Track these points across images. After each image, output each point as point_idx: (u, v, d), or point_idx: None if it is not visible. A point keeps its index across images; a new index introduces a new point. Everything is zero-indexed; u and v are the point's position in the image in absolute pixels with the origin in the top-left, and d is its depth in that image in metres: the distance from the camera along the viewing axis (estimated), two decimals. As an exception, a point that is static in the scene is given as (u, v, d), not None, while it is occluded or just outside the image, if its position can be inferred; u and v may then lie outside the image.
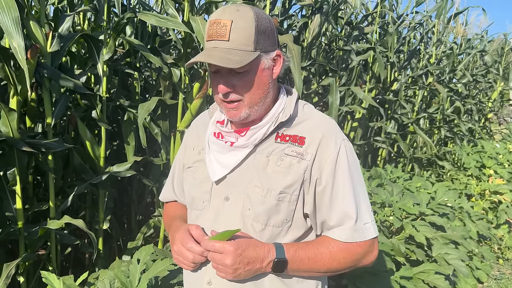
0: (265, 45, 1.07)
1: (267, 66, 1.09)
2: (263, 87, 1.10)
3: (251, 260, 1.04)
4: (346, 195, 1.11)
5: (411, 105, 5.95)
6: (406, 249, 2.68)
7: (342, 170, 1.12)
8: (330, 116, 3.95)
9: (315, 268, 1.10)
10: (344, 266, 1.13)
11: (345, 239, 1.10)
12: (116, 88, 3.42)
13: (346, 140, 1.16)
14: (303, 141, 1.12)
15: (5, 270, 2.09)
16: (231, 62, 1.01)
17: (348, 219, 1.10)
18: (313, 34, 3.65)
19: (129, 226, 3.82)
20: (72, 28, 3.35)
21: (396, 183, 3.78)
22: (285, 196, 1.10)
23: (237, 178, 1.14)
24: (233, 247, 1.03)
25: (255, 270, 1.06)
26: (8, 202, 2.33)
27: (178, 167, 1.35)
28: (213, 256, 1.06)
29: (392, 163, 5.83)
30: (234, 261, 1.03)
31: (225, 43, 1.03)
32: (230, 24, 1.03)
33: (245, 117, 1.11)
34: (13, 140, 2.19)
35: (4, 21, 1.49)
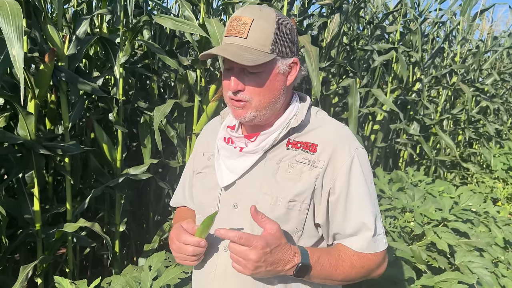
0: (282, 50, 1.05)
1: (281, 71, 1.06)
2: (274, 92, 1.07)
3: (276, 261, 0.99)
4: (362, 204, 1.07)
5: (435, 105, 5.79)
6: (427, 257, 2.60)
7: (357, 179, 1.08)
8: (349, 118, 3.93)
9: (334, 276, 1.06)
10: (360, 276, 1.10)
11: (361, 249, 1.07)
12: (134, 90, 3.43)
13: (360, 148, 1.12)
14: (315, 148, 1.08)
15: (22, 272, 2.11)
16: (245, 59, 0.98)
17: (366, 229, 1.07)
18: (333, 34, 3.58)
19: (147, 226, 3.83)
20: (91, 31, 3.38)
21: (417, 187, 3.67)
22: (295, 204, 1.06)
23: (246, 185, 1.11)
24: (263, 243, 0.97)
25: (276, 271, 1.01)
26: (26, 204, 2.35)
27: (189, 173, 1.33)
28: (236, 248, 0.99)
29: (414, 165, 5.69)
30: (259, 259, 0.96)
31: (243, 40, 1.01)
32: (251, 22, 1.01)
33: (250, 118, 1.07)
34: (30, 143, 2.22)
35: (7, 28, 1.49)
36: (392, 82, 4.95)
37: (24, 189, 2.34)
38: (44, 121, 2.78)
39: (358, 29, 5.00)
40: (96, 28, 3.46)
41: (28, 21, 2.24)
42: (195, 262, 1.11)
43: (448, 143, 5.20)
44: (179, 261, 1.12)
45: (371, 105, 4.88)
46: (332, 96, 4.59)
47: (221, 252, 1.11)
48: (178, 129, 2.89)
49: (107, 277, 1.83)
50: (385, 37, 5.43)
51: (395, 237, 2.66)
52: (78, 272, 3.00)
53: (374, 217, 1.08)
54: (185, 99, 2.84)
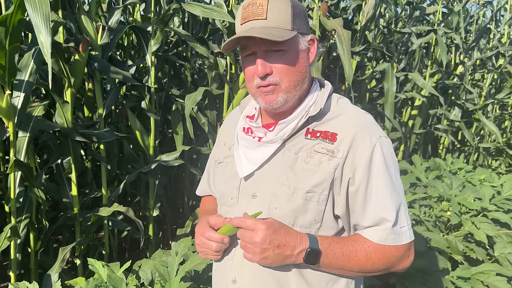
0: (301, 27, 1.04)
1: (304, 48, 1.06)
2: (301, 70, 1.05)
3: (282, 243, 0.98)
4: (382, 196, 1.04)
5: (479, 90, 5.51)
6: (464, 247, 2.50)
7: (378, 169, 1.04)
8: (385, 103, 3.82)
9: (348, 266, 1.04)
10: (378, 268, 1.06)
11: (379, 241, 1.03)
12: (167, 78, 3.48)
13: (384, 137, 1.07)
14: (334, 137, 1.05)
15: (61, 253, 2.23)
16: (273, 36, 0.97)
17: (385, 221, 1.03)
18: (367, 16, 3.47)
19: (183, 211, 3.92)
20: (126, 20, 3.45)
21: (456, 175, 3.53)
22: (313, 195, 1.04)
23: (264, 175, 1.09)
24: (265, 225, 0.98)
25: (284, 256, 1.00)
26: (65, 189, 2.46)
27: (212, 162, 1.33)
28: (243, 233, 1.01)
29: (455, 152, 5.47)
30: (264, 240, 0.97)
31: (263, 22, 1.00)
32: (267, 3, 1.00)
33: (282, 102, 1.05)
34: (67, 131, 2.31)
35: (35, 16, 1.54)
36: (432, 66, 4.75)
37: (63, 175, 2.45)
38: (83, 108, 2.89)
39: (395, 10, 4.81)
40: (131, 17, 3.52)
41: (63, 12, 2.31)
42: (217, 257, 1.13)
43: (492, 130, 4.94)
44: (202, 255, 1.15)
45: (409, 90, 4.72)
46: (368, 81, 4.47)
47: (239, 241, 1.11)
48: (209, 116, 2.92)
49: (138, 260, 1.89)
50: (426, 18, 5.21)
51: (430, 227, 2.57)
52: (117, 254, 3.13)
53: (395, 208, 1.03)
54: (215, 86, 2.86)
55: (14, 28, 1.76)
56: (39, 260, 2.53)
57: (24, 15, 1.78)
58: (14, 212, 2.02)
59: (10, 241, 2.01)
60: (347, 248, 1.03)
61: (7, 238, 1.97)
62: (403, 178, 3.33)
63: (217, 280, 1.20)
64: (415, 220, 2.64)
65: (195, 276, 1.71)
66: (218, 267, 1.19)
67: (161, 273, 1.55)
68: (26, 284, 1.50)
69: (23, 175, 2.04)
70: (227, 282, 1.13)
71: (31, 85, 1.96)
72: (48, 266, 2.34)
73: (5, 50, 1.79)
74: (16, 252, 2.07)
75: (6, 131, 2.08)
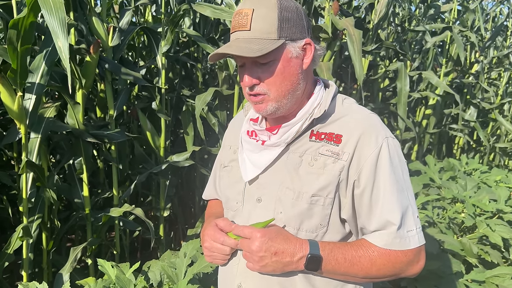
0: (291, 33, 1.00)
1: (295, 55, 1.02)
2: (291, 78, 1.02)
3: (279, 250, 0.98)
4: (388, 198, 1.01)
5: (495, 88, 5.40)
6: (479, 250, 2.45)
7: (384, 171, 1.01)
8: (398, 103, 3.77)
9: (352, 272, 1.01)
10: (384, 274, 1.03)
11: (384, 245, 1.00)
12: (178, 79, 3.49)
13: (391, 138, 1.05)
14: (339, 139, 1.03)
15: (72, 253, 2.25)
16: (250, 51, 0.95)
17: (390, 224, 1.00)
18: (380, 15, 3.43)
19: (194, 211, 3.93)
20: (137, 21, 3.47)
21: (471, 176, 3.46)
22: (318, 199, 1.02)
23: (269, 179, 1.08)
24: (260, 233, 0.99)
25: (284, 263, 0.99)
26: (77, 189, 2.49)
27: (218, 166, 1.32)
28: (242, 242, 1.03)
29: (471, 152, 5.37)
30: (260, 248, 0.98)
31: (247, 33, 0.98)
32: (252, 13, 0.98)
33: (272, 110, 1.04)
34: (78, 132, 2.33)
35: (51, 21, 1.55)
36: (447, 64, 4.67)
37: (74, 175, 2.47)
38: (95, 109, 2.91)
39: (409, 9, 4.74)
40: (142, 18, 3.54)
41: (74, 14, 2.33)
42: (225, 261, 1.12)
43: (509, 129, 4.84)
44: (209, 260, 1.13)
45: (423, 89, 4.65)
46: (381, 80, 4.42)
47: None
48: (220, 117, 2.92)
49: (147, 261, 1.90)
50: (441, 16, 5.12)
51: (443, 229, 2.53)
52: (128, 254, 3.15)
53: (402, 211, 1.00)
54: (225, 87, 2.85)
55: (26, 31, 1.78)
56: (51, 259, 2.56)
57: (36, 18, 1.80)
58: (26, 212, 2.05)
59: (22, 241, 2.03)
60: (350, 253, 1.01)
61: (19, 238, 2.00)
62: (416, 179, 3.28)
63: (222, 284, 1.19)
64: (428, 222, 2.59)
65: (203, 278, 1.71)
66: (224, 271, 1.18)
67: (169, 274, 1.55)
68: (36, 284, 1.52)
69: (35, 176, 2.06)
70: (232, 287, 1.12)
71: (43, 87, 1.98)
72: (61, 265, 2.36)
73: (17, 52, 1.81)
74: (28, 252, 2.09)
75: (18, 133, 2.10)
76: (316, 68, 2.64)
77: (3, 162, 3.04)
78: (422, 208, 2.74)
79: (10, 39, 1.73)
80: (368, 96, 4.34)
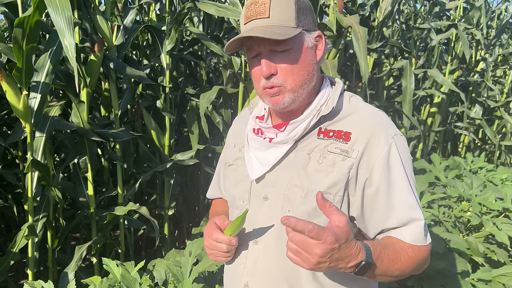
0: (306, 23, 1.01)
1: (310, 46, 1.02)
2: (308, 68, 1.02)
3: (340, 258, 0.89)
4: (407, 195, 1.01)
5: (500, 86, 5.37)
6: (485, 249, 2.44)
7: (397, 169, 1.01)
8: (403, 101, 3.75)
9: (390, 271, 0.98)
10: (413, 269, 1.02)
11: (412, 241, 1.00)
12: (183, 77, 3.49)
13: (399, 135, 1.04)
14: (348, 137, 1.02)
15: (77, 252, 2.25)
16: (275, 34, 0.95)
17: (415, 220, 1.00)
18: (385, 13, 3.41)
19: (199, 209, 3.93)
20: (142, 20, 3.47)
21: (477, 174, 3.44)
22: (328, 197, 1.00)
23: (276, 177, 1.07)
24: (332, 238, 0.87)
25: (337, 268, 0.92)
26: (81, 188, 2.48)
27: (222, 165, 1.31)
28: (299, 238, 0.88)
29: (476, 151, 5.34)
30: (325, 254, 0.87)
31: (266, 20, 0.98)
32: (269, 2, 0.98)
33: (289, 102, 1.02)
34: (83, 131, 2.33)
35: (57, 20, 1.55)
36: (452, 62, 4.64)
37: (79, 174, 2.47)
38: (100, 108, 2.91)
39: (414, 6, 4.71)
40: (146, 16, 3.54)
41: (79, 12, 2.33)
42: (228, 258, 1.11)
43: (515, 127, 4.82)
44: (212, 258, 1.12)
45: (428, 87, 4.63)
46: (386, 78, 4.40)
47: (251, 245, 1.09)
48: (224, 115, 2.91)
49: (152, 260, 1.90)
50: (447, 14, 5.09)
51: (449, 228, 2.51)
52: (133, 253, 3.15)
53: (420, 207, 1.01)
54: (230, 85, 2.84)
55: (31, 30, 1.78)
56: (56, 258, 2.57)
57: (41, 16, 1.80)
58: (32, 211, 2.05)
59: (28, 240, 2.04)
60: (392, 252, 0.98)
61: (24, 237, 2.00)
62: (421, 177, 3.26)
63: (228, 283, 1.19)
64: (433, 220, 2.58)
65: (208, 276, 1.71)
66: (230, 270, 1.17)
67: (175, 273, 1.55)
68: (41, 283, 1.52)
69: (40, 174, 2.06)
70: (239, 286, 1.11)
71: (48, 85, 1.98)
72: (66, 263, 2.37)
73: (22, 51, 1.81)
74: (33, 251, 2.10)
75: (24, 131, 2.10)
76: (321, 66, 2.63)
77: (8, 161, 3.04)
78: (428, 207, 2.73)
79: (16, 37, 1.73)
80: (373, 94, 4.32)
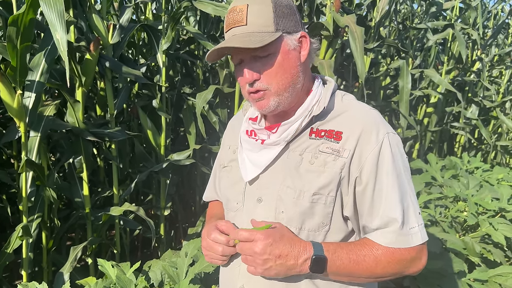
0: (286, 26, 1.00)
1: (292, 48, 1.01)
2: (291, 70, 1.01)
3: (283, 253, 0.95)
4: (390, 195, 0.99)
5: (496, 86, 5.38)
6: (482, 249, 2.44)
7: (386, 168, 1.00)
8: (400, 101, 3.75)
9: (357, 272, 0.99)
10: (388, 272, 1.01)
11: (387, 243, 0.99)
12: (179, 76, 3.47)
13: (392, 133, 1.03)
14: (339, 136, 1.01)
15: (72, 252, 2.23)
16: (251, 43, 0.94)
17: (393, 222, 0.99)
18: (382, 13, 3.40)
19: (195, 209, 3.92)
20: (138, 19, 3.45)
21: (473, 174, 3.45)
22: (320, 197, 1.00)
23: (269, 178, 1.06)
24: (263, 235, 0.96)
25: (288, 266, 0.96)
26: (77, 188, 2.47)
27: (218, 167, 1.30)
28: (242, 246, 0.99)
29: (472, 151, 5.35)
30: (264, 250, 0.94)
31: (244, 28, 0.98)
32: (246, 8, 0.98)
33: (274, 106, 1.02)
34: (78, 130, 2.31)
35: (50, 14, 1.54)
36: (449, 62, 4.64)
37: (74, 174, 2.46)
38: (95, 107, 2.89)
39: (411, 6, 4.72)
40: (142, 15, 3.52)
41: (74, 11, 2.31)
42: (223, 262, 1.10)
43: (511, 127, 4.82)
44: (208, 259, 1.12)
45: (425, 87, 4.63)
46: (382, 78, 4.40)
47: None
48: (220, 115, 2.90)
49: (148, 261, 1.88)
50: (443, 14, 5.10)
51: (446, 228, 2.51)
52: (129, 253, 3.13)
53: (403, 209, 0.99)
54: (226, 84, 2.83)
55: (26, 28, 1.76)
56: (51, 259, 2.55)
57: (35, 14, 1.78)
58: (26, 211, 2.03)
59: (22, 241, 2.02)
60: (354, 253, 0.99)
61: (19, 237, 1.98)
62: (418, 177, 3.26)
63: (224, 286, 1.18)
64: (430, 220, 2.58)
65: (204, 278, 1.69)
66: (225, 273, 1.16)
67: (171, 274, 1.54)
68: (35, 284, 1.50)
69: (35, 174, 2.05)
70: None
71: (42, 85, 1.96)
72: (61, 264, 2.35)
73: (16, 50, 1.79)
74: (28, 251, 2.08)
75: (18, 131, 2.08)
76: (318, 66, 2.62)
77: (3, 160, 3.02)
78: (424, 207, 2.73)
79: (10, 36, 1.71)
80: (369, 94, 4.32)
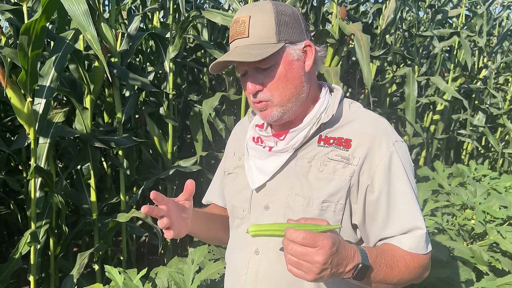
0: (290, 36, 1.00)
1: (296, 58, 1.01)
2: (295, 81, 1.01)
3: (340, 260, 0.85)
4: (408, 202, 1.00)
5: (503, 93, 5.36)
6: (490, 257, 2.42)
7: (399, 175, 1.00)
8: (406, 108, 3.75)
9: (389, 278, 0.96)
10: (411, 277, 1.01)
11: (411, 249, 0.99)
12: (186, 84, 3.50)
13: (400, 141, 1.04)
14: (349, 144, 1.02)
15: (79, 259, 2.24)
16: (250, 56, 0.95)
17: (417, 229, 0.99)
18: (388, 20, 3.42)
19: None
20: (145, 27, 3.49)
21: (480, 182, 3.43)
22: (329, 205, 1.00)
23: (277, 186, 1.06)
24: (330, 242, 0.82)
25: (337, 274, 0.87)
26: (84, 195, 2.48)
27: (221, 173, 1.30)
28: (297, 249, 0.82)
29: (479, 158, 5.32)
30: (327, 260, 0.82)
31: (245, 40, 0.98)
32: (248, 20, 0.98)
33: (278, 116, 1.03)
34: (86, 137, 2.33)
35: (76, 15, 1.57)
36: (455, 69, 4.64)
37: (82, 180, 2.48)
38: (103, 115, 2.92)
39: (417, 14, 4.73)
40: (150, 24, 3.56)
41: (83, 20, 2.34)
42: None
43: (518, 135, 4.80)
44: None
45: (431, 94, 4.63)
46: (388, 85, 4.40)
47: (252, 256, 1.08)
48: (227, 122, 2.91)
49: (155, 267, 1.89)
50: (449, 21, 5.10)
51: (453, 236, 2.50)
52: (135, 259, 3.14)
53: (421, 214, 1.00)
54: (233, 91, 2.85)
55: (37, 36, 1.79)
56: (59, 265, 2.56)
57: (48, 21, 1.81)
58: (34, 217, 2.05)
59: (30, 247, 2.03)
60: (389, 258, 0.96)
61: (27, 243, 2.00)
62: (424, 185, 3.25)
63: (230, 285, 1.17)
64: (437, 228, 2.56)
65: (211, 285, 1.70)
66: (231, 281, 1.16)
67: (177, 281, 1.54)
68: (44, 290, 1.51)
69: (43, 181, 2.07)
70: None
71: (52, 92, 1.99)
72: (68, 270, 2.36)
73: (27, 58, 1.81)
74: (36, 257, 2.09)
75: (27, 138, 2.11)
76: (324, 73, 2.63)
77: (12, 167, 3.05)
78: (431, 215, 2.71)
79: (21, 44, 1.74)
80: (375, 101, 4.32)
